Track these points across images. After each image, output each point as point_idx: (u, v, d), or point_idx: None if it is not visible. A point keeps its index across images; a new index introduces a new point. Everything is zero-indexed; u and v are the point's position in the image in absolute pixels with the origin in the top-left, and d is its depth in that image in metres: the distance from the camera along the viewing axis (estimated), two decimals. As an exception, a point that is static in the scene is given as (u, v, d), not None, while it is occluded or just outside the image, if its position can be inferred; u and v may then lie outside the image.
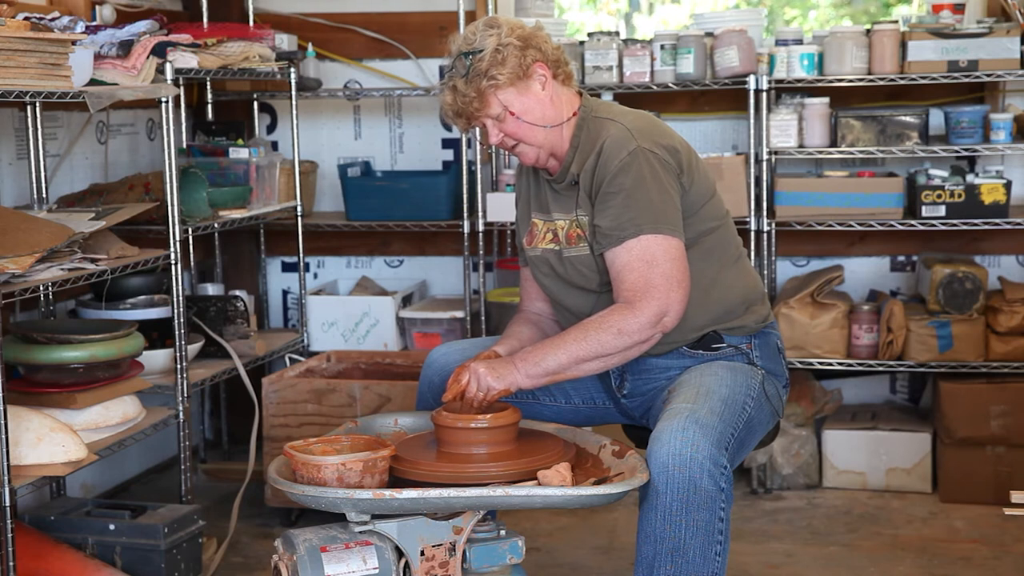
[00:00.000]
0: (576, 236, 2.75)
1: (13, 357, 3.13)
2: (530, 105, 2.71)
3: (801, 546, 3.74)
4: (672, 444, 2.43)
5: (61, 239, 3.03)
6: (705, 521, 2.44)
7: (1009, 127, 4.00)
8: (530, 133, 2.73)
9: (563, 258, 2.78)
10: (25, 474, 2.90)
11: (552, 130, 2.74)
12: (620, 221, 2.63)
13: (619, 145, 2.66)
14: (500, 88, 2.69)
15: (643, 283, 2.61)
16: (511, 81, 2.69)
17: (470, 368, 2.64)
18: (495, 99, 2.69)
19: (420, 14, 4.64)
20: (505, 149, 2.80)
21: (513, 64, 2.68)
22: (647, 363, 2.78)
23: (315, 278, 4.86)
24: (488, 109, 2.70)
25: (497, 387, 2.61)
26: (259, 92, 4.61)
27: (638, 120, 2.74)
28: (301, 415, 3.88)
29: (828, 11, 6.74)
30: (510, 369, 2.63)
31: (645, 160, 2.65)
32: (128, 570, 3.21)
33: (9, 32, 2.85)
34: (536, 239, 2.86)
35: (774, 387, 2.79)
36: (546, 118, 2.73)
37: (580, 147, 2.74)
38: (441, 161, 4.74)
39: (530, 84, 2.71)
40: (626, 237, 2.62)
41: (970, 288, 4.06)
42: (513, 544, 2.56)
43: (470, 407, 2.62)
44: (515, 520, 3.84)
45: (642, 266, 2.61)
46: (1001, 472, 4.00)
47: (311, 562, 2.41)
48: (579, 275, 2.76)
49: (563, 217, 2.79)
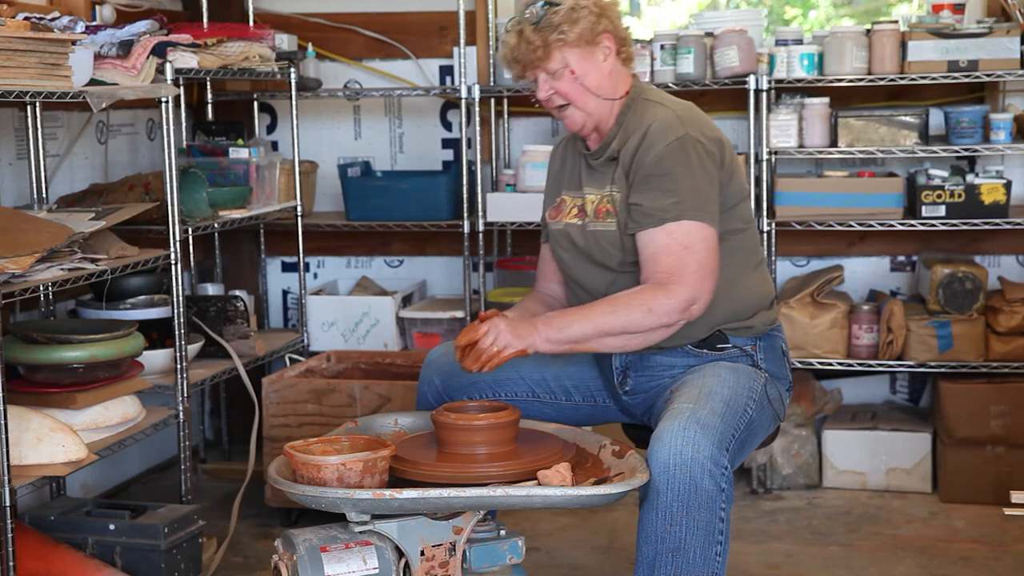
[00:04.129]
0: (605, 212, 2.76)
1: (13, 357, 3.13)
2: (590, 71, 2.74)
3: (801, 546, 3.74)
4: (673, 444, 2.43)
5: (61, 239, 3.03)
6: (706, 521, 2.44)
7: (1009, 127, 4.00)
8: (582, 98, 2.74)
9: (587, 231, 2.78)
10: (25, 474, 2.90)
11: (603, 102, 2.76)
12: (664, 203, 2.64)
13: (668, 129, 2.68)
14: (566, 45, 2.71)
15: (678, 267, 2.62)
16: (578, 42, 2.71)
17: (491, 321, 2.62)
18: (558, 54, 2.71)
19: (420, 14, 4.64)
20: (550, 109, 2.81)
21: (584, 27, 2.71)
22: (650, 360, 2.79)
23: (315, 278, 4.86)
24: (548, 62, 2.72)
25: (515, 346, 2.60)
26: (259, 92, 4.61)
27: (687, 109, 2.77)
28: (301, 415, 3.88)
29: (828, 11, 6.73)
30: (531, 330, 2.62)
31: (693, 147, 2.68)
32: (128, 570, 3.21)
33: (9, 32, 2.85)
34: (562, 214, 2.87)
35: (777, 390, 2.80)
36: (602, 88, 2.75)
37: (625, 125, 2.77)
38: (441, 161, 4.74)
39: (595, 51, 2.74)
40: (668, 219, 2.64)
41: (970, 288, 4.06)
42: (513, 544, 2.56)
43: (477, 360, 2.60)
44: (515, 520, 3.84)
45: (680, 250, 2.63)
46: (1001, 472, 4.01)
47: (311, 562, 2.41)
48: (601, 251, 2.76)
49: (594, 192, 2.80)
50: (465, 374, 2.90)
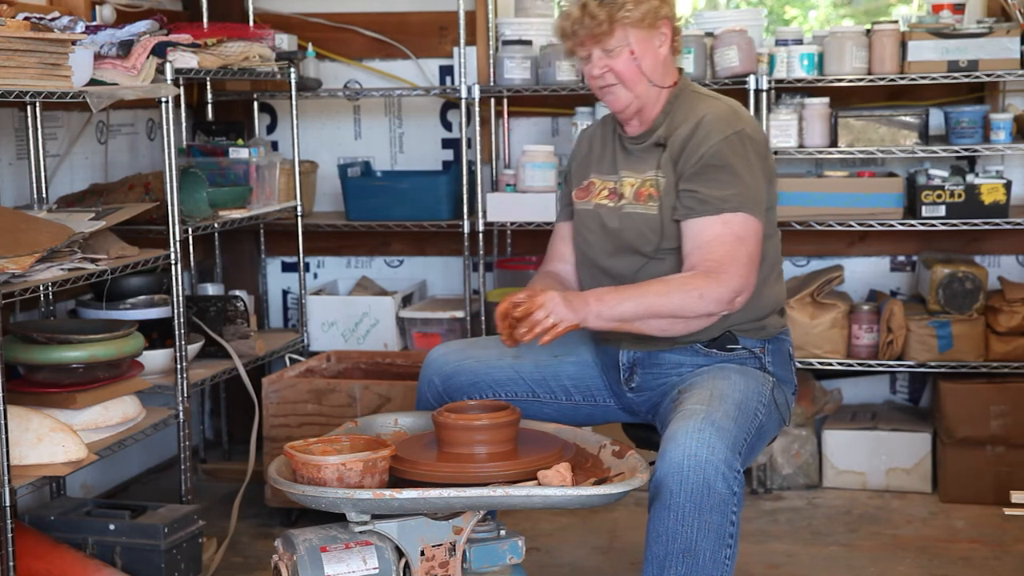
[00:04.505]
0: (647, 195, 2.77)
1: (13, 357, 3.13)
2: (647, 53, 2.76)
3: (801, 546, 3.74)
4: (688, 445, 2.43)
5: (61, 239, 3.03)
6: (717, 523, 2.44)
7: (1009, 127, 4.00)
8: (635, 79, 2.75)
9: (623, 213, 2.79)
10: (25, 474, 2.90)
11: (652, 88, 2.78)
12: (723, 193, 2.66)
13: (725, 122, 2.72)
14: (630, 25, 2.72)
15: (730, 258, 2.64)
16: (640, 24, 2.73)
17: (548, 294, 2.59)
18: (621, 32, 2.73)
19: (420, 14, 4.64)
20: (594, 89, 2.81)
21: (648, 9, 2.73)
22: (658, 357, 2.79)
23: (315, 278, 4.86)
24: (610, 39, 2.73)
25: (569, 320, 2.58)
26: (259, 92, 4.61)
27: (740, 107, 2.82)
28: (301, 415, 3.88)
29: (828, 11, 6.73)
30: (583, 305, 2.61)
31: (750, 143, 2.73)
32: (128, 570, 3.21)
33: (9, 32, 2.85)
34: (592, 195, 2.87)
35: (783, 395, 2.80)
36: (655, 73, 2.77)
37: (673, 114, 2.79)
38: (441, 161, 4.74)
39: (653, 36, 2.77)
40: (726, 209, 2.66)
41: (970, 288, 4.06)
42: (513, 544, 2.55)
43: (531, 331, 2.56)
44: (515, 520, 3.84)
45: (734, 241, 2.65)
46: (1001, 472, 4.00)
47: (311, 562, 2.40)
48: (637, 234, 2.76)
49: (633, 176, 2.80)
50: (465, 374, 2.90)
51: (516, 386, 2.92)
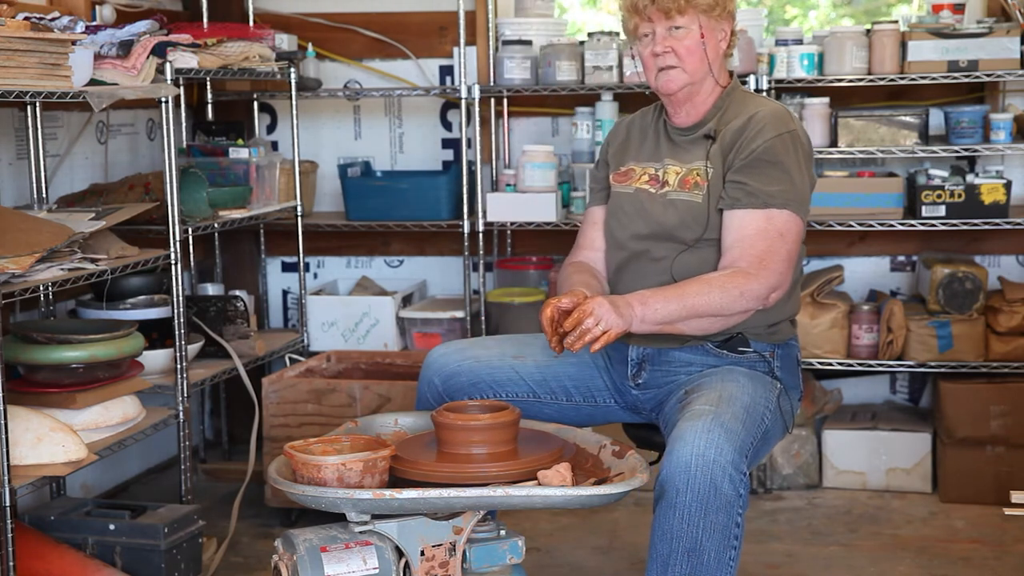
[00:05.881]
0: (693, 183, 2.77)
1: (13, 357, 3.13)
2: (712, 40, 2.78)
3: (801, 546, 3.74)
4: (696, 445, 2.42)
5: (61, 239, 3.03)
6: (723, 524, 2.43)
7: (1009, 127, 4.00)
8: (695, 62, 2.77)
9: (667, 199, 2.79)
10: (25, 474, 2.90)
11: (708, 77, 2.80)
12: (772, 188, 2.68)
13: (779, 120, 2.74)
14: (702, 10, 2.75)
15: (770, 254, 2.67)
16: (710, 11, 2.76)
17: (597, 301, 2.58)
18: (693, 13, 2.75)
19: (420, 14, 4.64)
20: (649, 72, 2.81)
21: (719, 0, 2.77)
22: (668, 355, 2.79)
23: (315, 278, 4.86)
24: (681, 16, 2.75)
25: (619, 326, 2.58)
26: (259, 92, 4.61)
27: (791, 112, 2.84)
28: (301, 415, 3.88)
29: (828, 11, 6.73)
30: (629, 311, 2.61)
31: (801, 145, 2.76)
32: (128, 570, 3.21)
33: (9, 32, 2.85)
34: (632, 179, 2.88)
35: (789, 402, 2.80)
36: (716, 60, 2.80)
37: (725, 109, 2.81)
38: (441, 161, 4.74)
39: (718, 28, 2.80)
40: (773, 204, 2.68)
41: (970, 288, 4.06)
42: (513, 544, 2.56)
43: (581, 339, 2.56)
44: (515, 520, 3.84)
45: (776, 237, 2.68)
46: (1001, 472, 4.00)
47: (311, 562, 2.41)
48: (678, 222, 2.77)
49: (679, 165, 2.81)
50: (465, 374, 2.90)
51: (516, 386, 2.92)
